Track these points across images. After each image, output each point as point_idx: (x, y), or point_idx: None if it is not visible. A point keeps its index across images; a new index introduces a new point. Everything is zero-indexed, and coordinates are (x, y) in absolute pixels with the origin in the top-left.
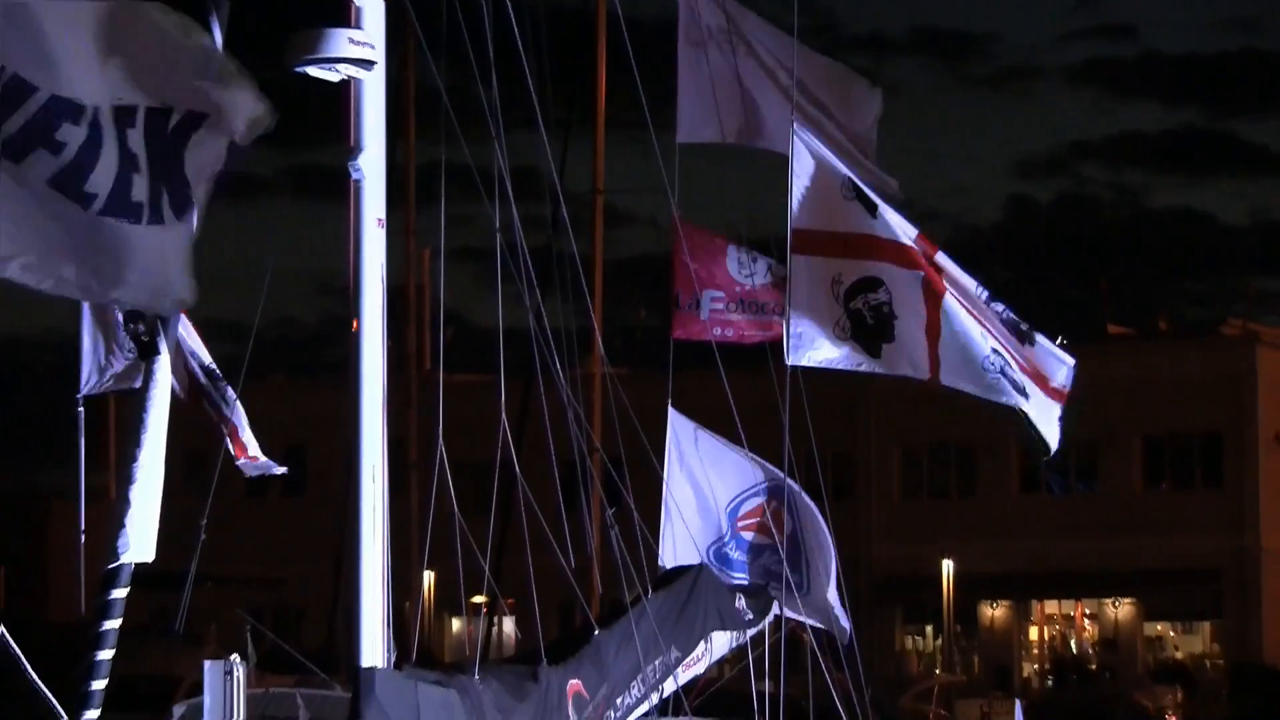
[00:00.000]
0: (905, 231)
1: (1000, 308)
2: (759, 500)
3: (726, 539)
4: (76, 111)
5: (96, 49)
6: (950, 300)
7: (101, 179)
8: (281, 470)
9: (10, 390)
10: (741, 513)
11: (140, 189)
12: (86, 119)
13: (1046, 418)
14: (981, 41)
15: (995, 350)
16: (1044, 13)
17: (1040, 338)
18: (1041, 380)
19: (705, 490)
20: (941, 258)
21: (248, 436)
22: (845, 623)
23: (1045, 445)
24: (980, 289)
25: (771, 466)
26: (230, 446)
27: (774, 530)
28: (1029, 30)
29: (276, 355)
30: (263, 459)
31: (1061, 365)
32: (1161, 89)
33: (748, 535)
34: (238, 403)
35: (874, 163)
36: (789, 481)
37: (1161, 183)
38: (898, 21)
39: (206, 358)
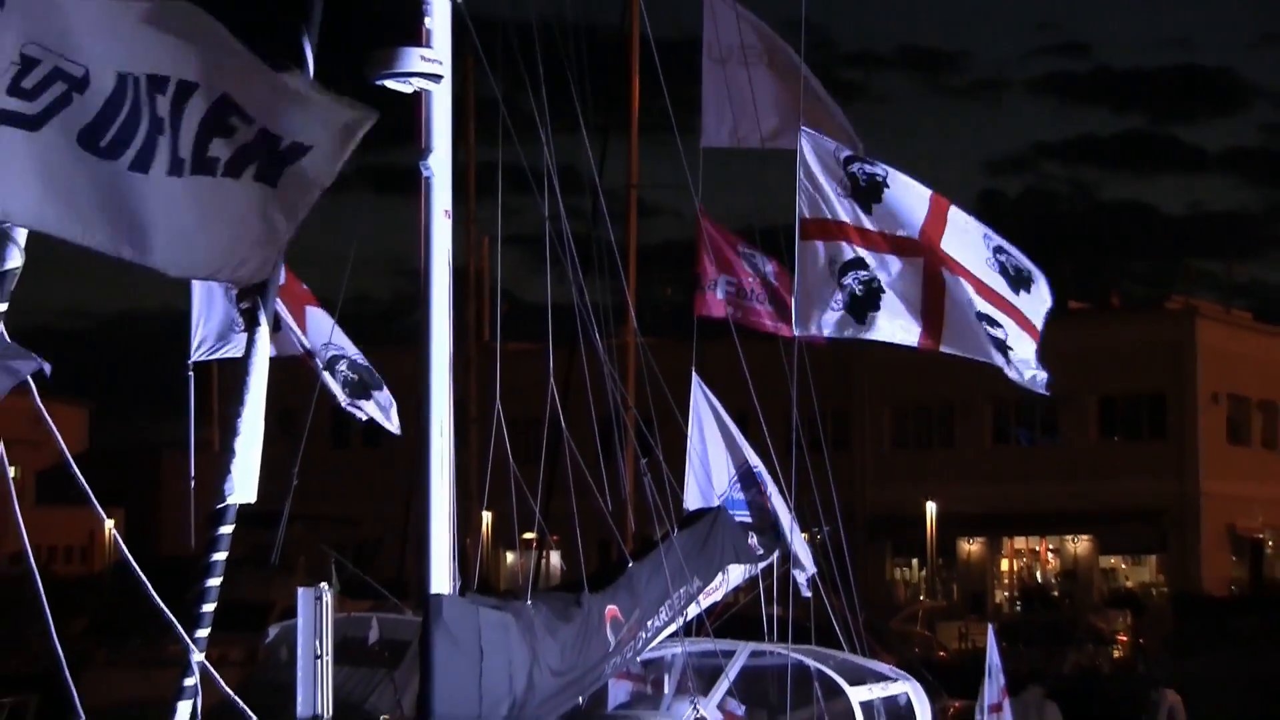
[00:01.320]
0: (909, 218)
1: (1004, 257)
2: (751, 481)
3: (736, 492)
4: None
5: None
6: (950, 276)
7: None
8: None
9: (130, 357)
10: (735, 486)
11: (220, 150)
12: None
13: (1027, 358)
14: (957, 58)
15: (986, 315)
16: (1010, 33)
17: (1038, 284)
18: (1025, 322)
19: (722, 445)
20: (954, 211)
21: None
22: (808, 571)
23: (1039, 388)
24: (988, 238)
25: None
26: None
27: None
28: (998, 48)
29: (356, 328)
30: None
31: (1045, 306)
32: (1111, 98)
33: (748, 495)
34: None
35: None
36: (761, 470)
37: (1112, 179)
38: (885, 40)
39: (307, 342)
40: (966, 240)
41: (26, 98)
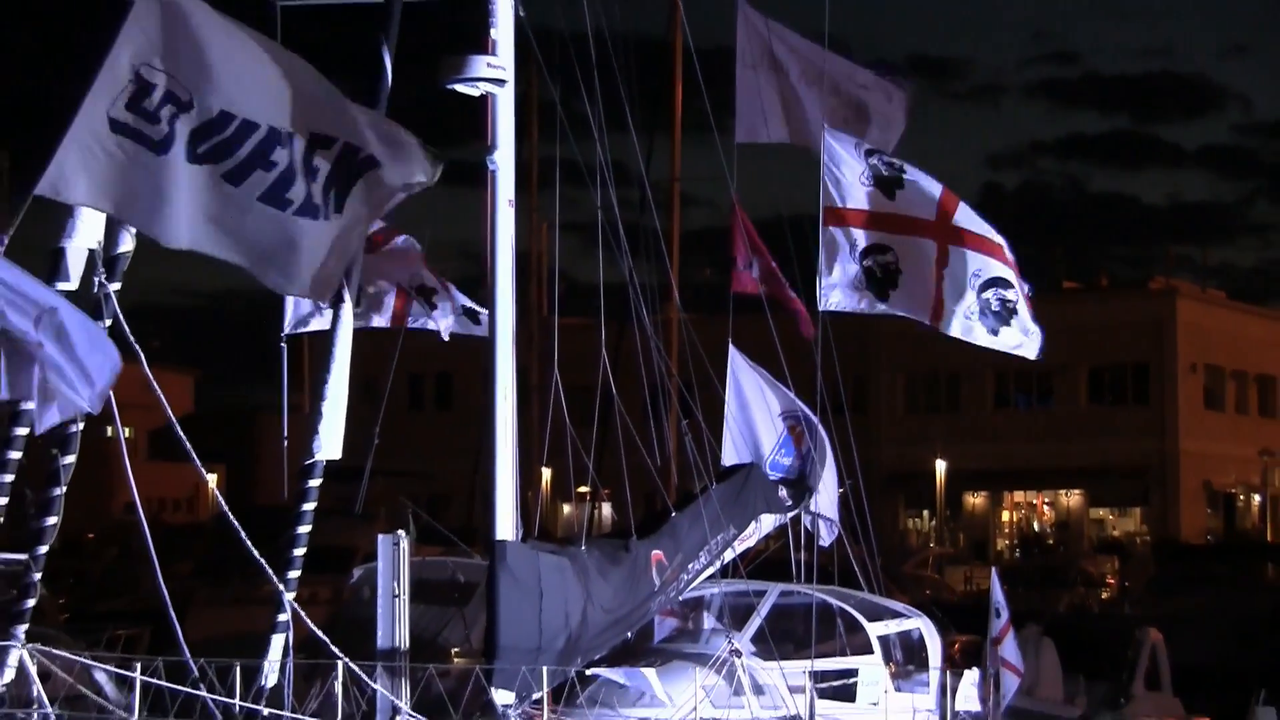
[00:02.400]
0: (923, 206)
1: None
2: (794, 419)
3: (777, 444)
4: (286, 138)
5: (307, 96)
6: (956, 250)
7: (298, 189)
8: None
9: (231, 330)
10: (788, 425)
11: (316, 193)
12: (288, 144)
13: (1026, 321)
14: (961, 65)
15: (997, 279)
16: (1008, 43)
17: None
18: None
19: (755, 407)
20: (962, 209)
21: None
22: (831, 526)
23: (1030, 353)
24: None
25: (795, 398)
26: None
27: (799, 443)
28: (997, 56)
29: None
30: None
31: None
32: (1099, 101)
33: (793, 442)
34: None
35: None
36: (806, 411)
37: (1100, 173)
38: (897, 49)
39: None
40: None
41: (149, 121)
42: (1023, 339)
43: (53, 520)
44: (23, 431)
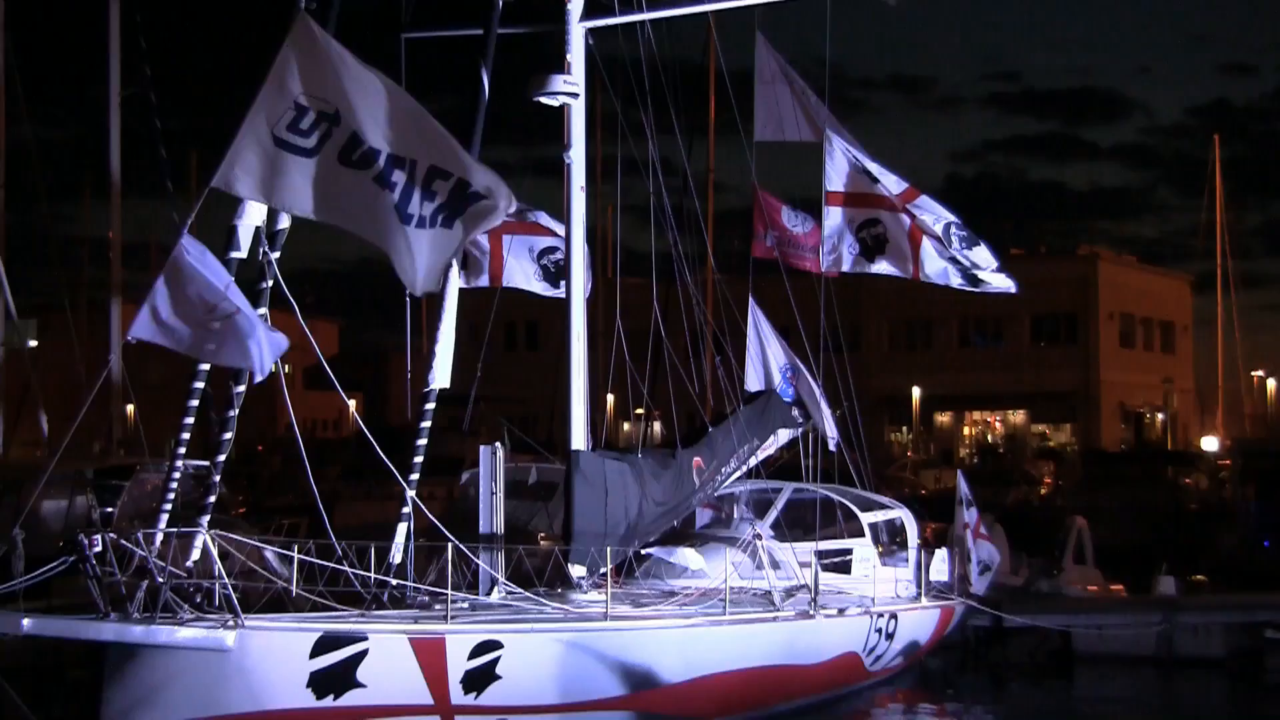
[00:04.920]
0: (896, 190)
1: (959, 233)
2: (789, 370)
3: (781, 379)
4: (403, 162)
5: (427, 139)
6: (926, 232)
7: (414, 205)
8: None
9: (368, 288)
10: (787, 375)
11: (428, 209)
12: (406, 168)
13: (995, 280)
14: (928, 82)
15: (953, 258)
16: (965, 64)
17: (980, 249)
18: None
19: (769, 348)
20: (923, 199)
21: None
22: (834, 434)
23: (1006, 292)
24: (946, 217)
25: (792, 354)
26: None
27: (797, 386)
28: (956, 75)
29: None
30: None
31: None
32: (1036, 109)
33: (790, 385)
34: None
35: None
36: (798, 362)
37: (1037, 165)
38: (880, 69)
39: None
40: (927, 218)
41: (304, 136)
42: (997, 280)
43: (229, 435)
44: (205, 367)
